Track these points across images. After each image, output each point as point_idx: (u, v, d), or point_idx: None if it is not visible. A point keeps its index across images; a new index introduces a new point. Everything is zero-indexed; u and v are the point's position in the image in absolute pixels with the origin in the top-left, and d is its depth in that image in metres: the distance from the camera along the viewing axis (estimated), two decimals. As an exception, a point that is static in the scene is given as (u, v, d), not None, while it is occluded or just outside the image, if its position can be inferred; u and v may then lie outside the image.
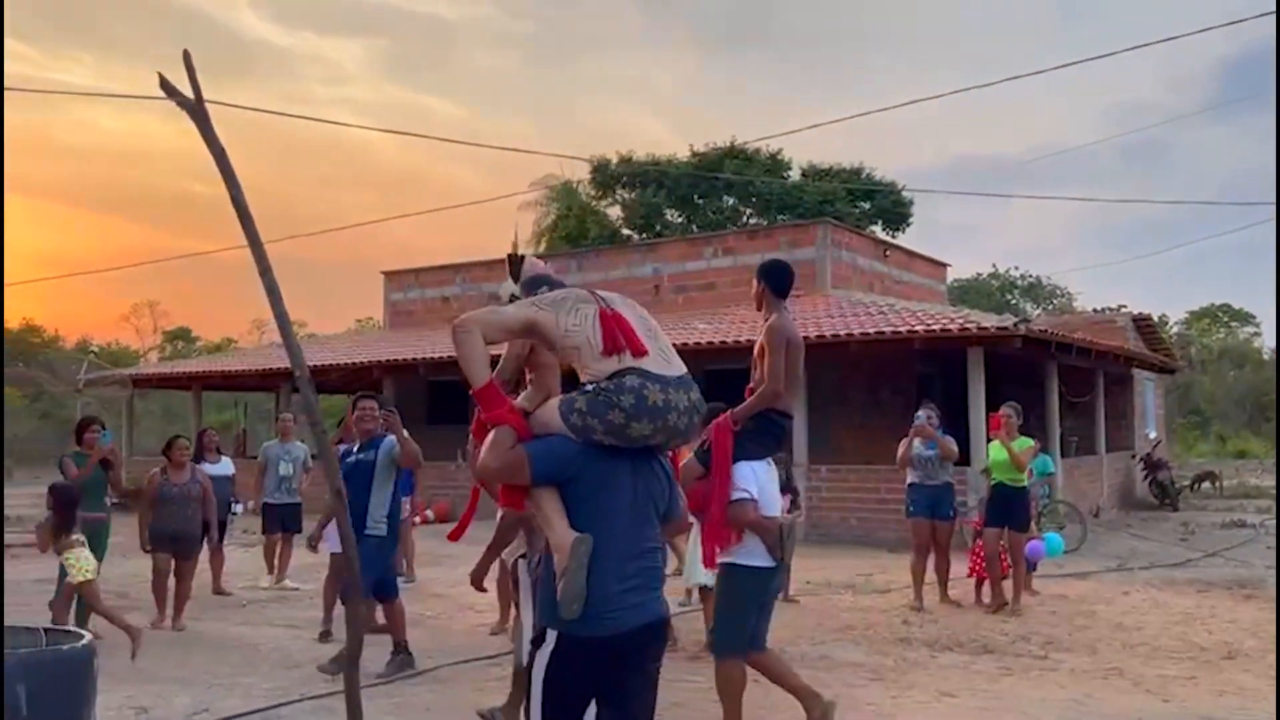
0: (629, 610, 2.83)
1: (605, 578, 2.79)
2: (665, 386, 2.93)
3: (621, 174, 29.76)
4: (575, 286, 3.36)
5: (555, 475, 2.88)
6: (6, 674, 2.95)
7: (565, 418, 2.90)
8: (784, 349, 4.65)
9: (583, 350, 2.99)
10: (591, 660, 2.80)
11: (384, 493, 6.34)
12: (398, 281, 21.69)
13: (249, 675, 6.26)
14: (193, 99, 3.82)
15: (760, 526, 4.54)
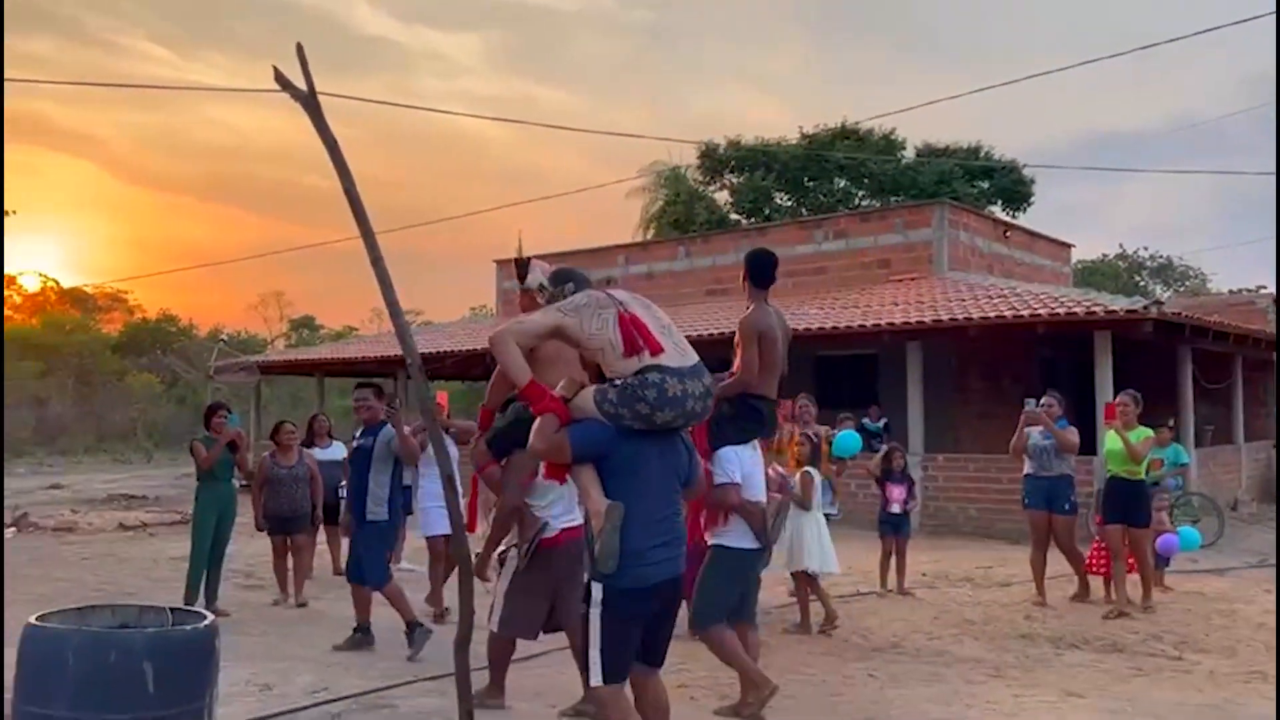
0: (659, 565, 3.48)
1: (637, 537, 3.37)
2: (682, 378, 3.50)
3: (730, 158, 29.48)
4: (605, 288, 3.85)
5: (591, 454, 3.49)
6: (135, 651, 3.05)
7: (599, 406, 3.50)
8: (755, 341, 4.92)
9: (606, 351, 3.53)
10: (633, 605, 3.48)
11: (382, 479, 6.52)
12: (509, 269, 21.94)
13: (366, 655, 6.42)
14: (306, 91, 3.89)
15: (744, 510, 4.79)
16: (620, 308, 3.61)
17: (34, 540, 12.37)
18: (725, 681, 5.77)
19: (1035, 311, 12.78)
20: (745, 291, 5.19)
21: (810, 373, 16.16)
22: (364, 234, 3.93)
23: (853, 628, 7.27)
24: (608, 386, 3.54)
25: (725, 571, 4.94)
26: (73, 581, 9.38)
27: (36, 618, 3.21)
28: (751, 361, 4.93)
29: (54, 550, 11.56)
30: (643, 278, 19.96)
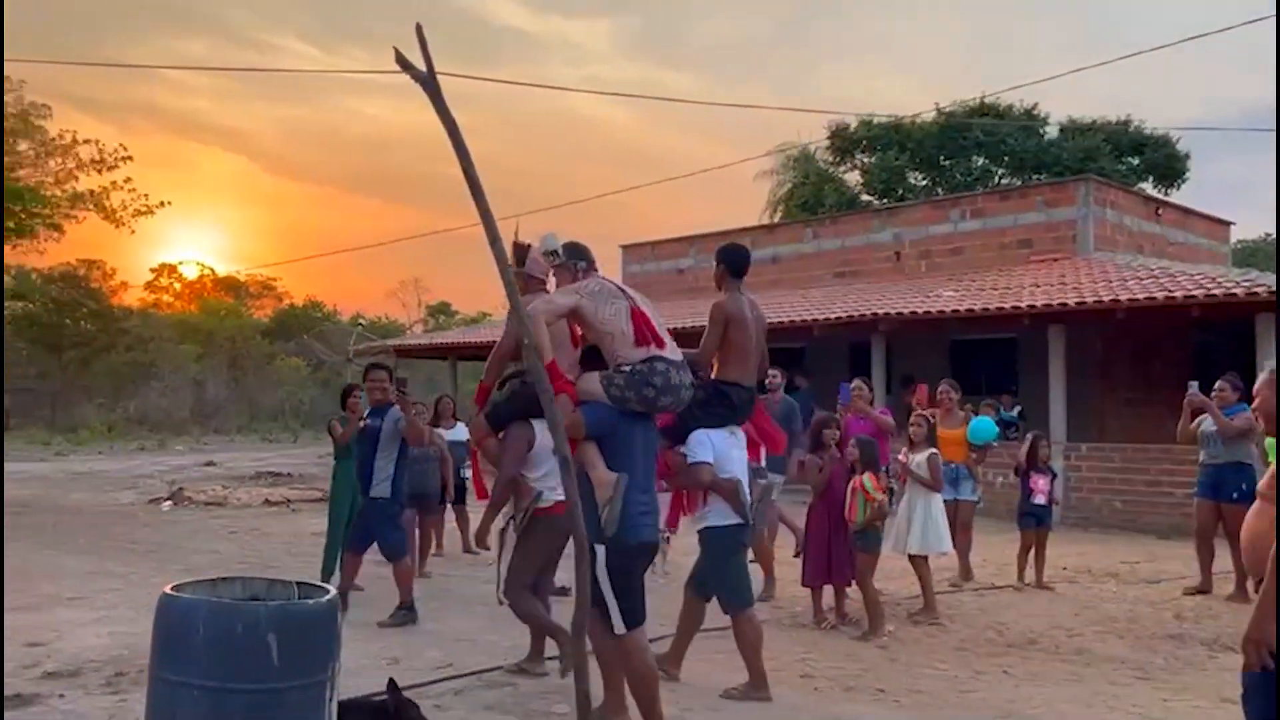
0: (645, 527, 4.07)
1: (631, 504, 3.89)
2: (678, 370, 4.06)
3: (862, 137, 28.77)
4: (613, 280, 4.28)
5: (599, 431, 3.99)
6: (260, 624, 3.12)
7: (606, 390, 4.00)
8: (723, 326, 5.05)
9: (616, 337, 4.01)
10: (628, 557, 4.04)
11: (388, 457, 6.74)
12: (635, 254, 22.02)
13: (492, 633, 6.49)
14: (425, 72, 3.90)
15: (717, 486, 4.97)
16: (631, 302, 4.12)
17: (187, 514, 13.09)
18: (851, 672, 5.61)
19: (1190, 293, 12.00)
20: (720, 282, 5.28)
21: (945, 357, 15.64)
22: (482, 215, 3.92)
23: (987, 622, 6.97)
24: (614, 373, 4.02)
25: (721, 551, 5.10)
26: (219, 554, 9.86)
27: (172, 587, 3.31)
28: (711, 345, 5.07)
29: (204, 524, 12.19)
30: (768, 261, 19.69)
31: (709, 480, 4.96)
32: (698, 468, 4.94)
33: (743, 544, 5.23)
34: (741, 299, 5.18)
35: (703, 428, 5.00)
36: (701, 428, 5.00)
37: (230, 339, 41.09)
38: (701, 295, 20.04)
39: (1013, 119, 26.85)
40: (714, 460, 4.97)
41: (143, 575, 8.48)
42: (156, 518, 12.73)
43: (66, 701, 4.79)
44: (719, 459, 4.99)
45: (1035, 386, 13.91)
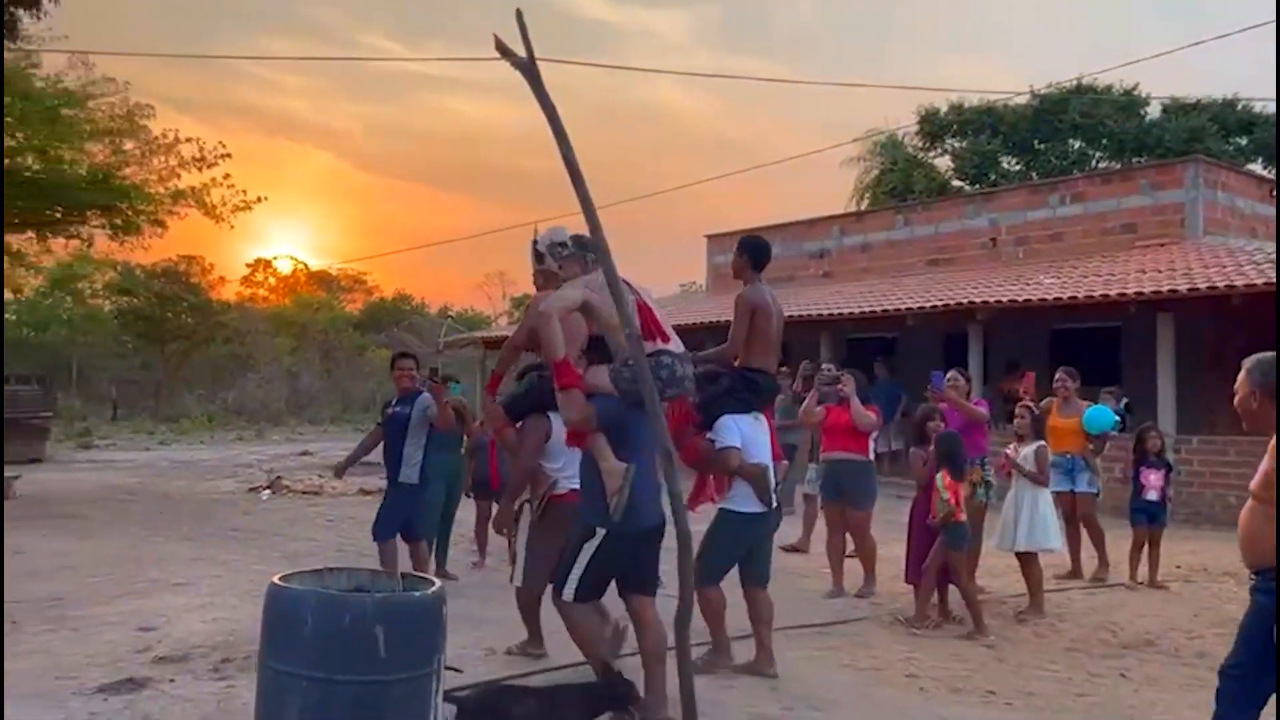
0: (653, 513, 4.23)
1: (637, 491, 4.04)
2: (683, 363, 4.25)
3: (952, 122, 28.05)
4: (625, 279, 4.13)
5: (608, 423, 4.14)
6: (367, 615, 3.10)
7: (616, 383, 4.16)
8: (749, 317, 5.17)
9: (621, 332, 3.98)
10: (630, 546, 4.23)
11: (416, 443, 6.87)
12: (720, 244, 21.80)
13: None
14: (525, 59, 3.83)
15: (744, 472, 5.02)
16: (638, 296, 4.25)
17: (285, 502, 13.39)
18: (958, 673, 5.42)
19: (1312, 278, 11.35)
20: (741, 275, 5.42)
21: (1044, 346, 15.13)
22: (582, 202, 3.84)
23: (1098, 622, 6.68)
24: (622, 367, 4.16)
25: (729, 533, 5.17)
26: (317, 542, 10.04)
27: (280, 578, 3.32)
28: (739, 335, 5.19)
29: (302, 512, 12.44)
30: (858, 249, 19.32)
31: (736, 465, 5.04)
32: (726, 453, 5.03)
33: (762, 533, 5.30)
34: (763, 290, 5.32)
35: (730, 414, 5.11)
36: (729, 414, 5.11)
37: (323, 331, 42.11)
38: (788, 284, 19.78)
39: (1111, 101, 25.87)
40: (741, 445, 5.06)
41: (245, 562, 8.68)
42: (256, 506, 13.05)
43: (177, 686, 4.88)
44: (746, 445, 5.08)
45: (1140, 378, 13.34)
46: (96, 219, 14.34)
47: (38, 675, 5.07)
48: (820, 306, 16.35)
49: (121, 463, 19.73)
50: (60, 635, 5.92)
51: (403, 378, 7.13)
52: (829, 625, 6.45)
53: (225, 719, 4.44)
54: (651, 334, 4.23)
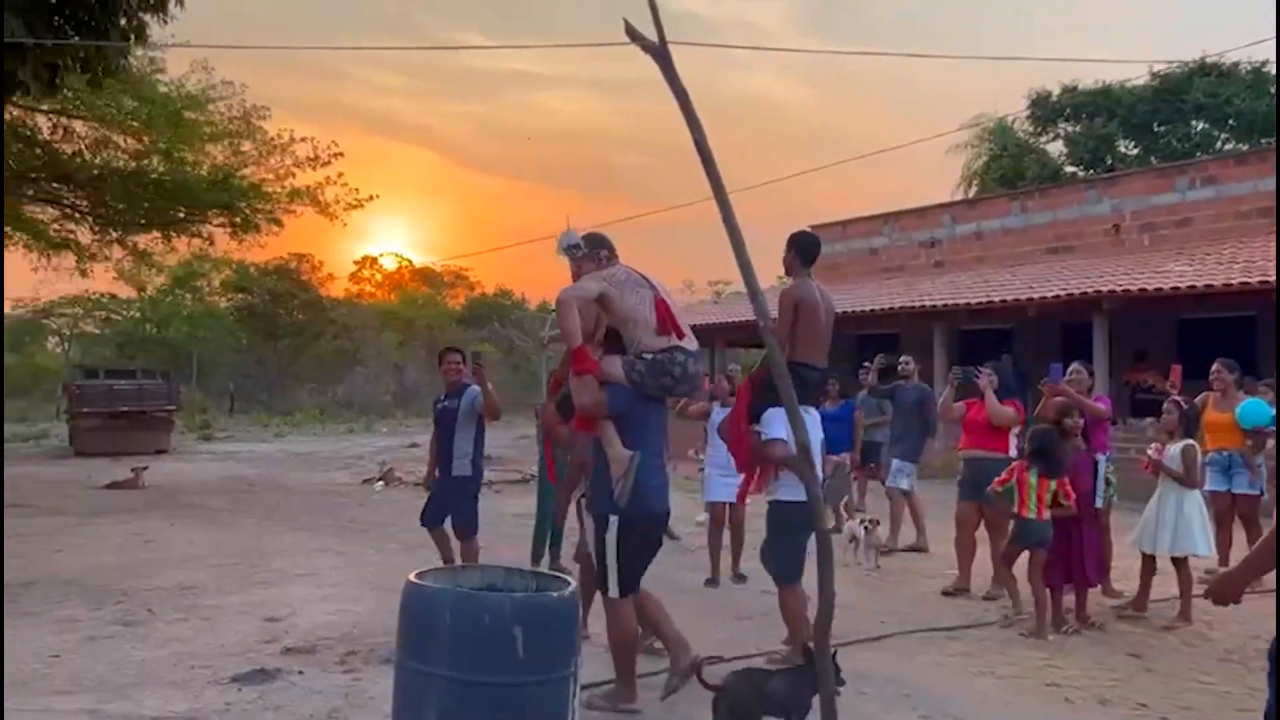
0: (659, 500, 4.48)
1: (646, 477, 4.24)
2: (695, 360, 4.41)
3: (1065, 105, 26.99)
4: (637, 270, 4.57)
5: (618, 411, 4.31)
6: (505, 615, 3.02)
7: (628, 374, 4.30)
8: (793, 312, 5.22)
9: (638, 324, 4.27)
10: (641, 529, 4.39)
11: (466, 436, 6.90)
12: (824, 234, 21.26)
13: (702, 625, 6.33)
14: (657, 42, 3.71)
15: (788, 463, 5.01)
16: (655, 291, 4.41)
17: (397, 494, 13.62)
18: (1103, 683, 5.12)
19: None
20: (790, 270, 5.49)
21: (1172, 337, 14.41)
22: (714, 188, 3.70)
23: (1251, 631, 6.23)
24: (635, 359, 4.32)
25: (787, 525, 5.17)
26: (430, 534, 10.15)
27: (415, 575, 3.27)
28: (783, 331, 5.21)
29: (413, 504, 12.53)
30: (971, 237, 18.71)
31: (783, 455, 5.08)
32: (772, 444, 5.11)
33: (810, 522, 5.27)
34: (810, 284, 5.39)
35: (776, 407, 5.13)
36: (775, 406, 5.12)
37: (427, 327, 42.95)
38: (897, 275, 19.31)
39: (1238, 80, 24.52)
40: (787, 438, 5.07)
41: (363, 553, 8.82)
42: (369, 497, 13.31)
43: (305, 678, 4.92)
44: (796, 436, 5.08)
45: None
46: (217, 218, 14.83)
47: (174, 664, 5.18)
48: (933, 297, 15.88)
49: (240, 454, 20.43)
50: (193, 624, 6.07)
51: (450, 372, 7.15)
52: (958, 629, 6.19)
53: (354, 712, 4.46)
54: (667, 329, 4.36)
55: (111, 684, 4.82)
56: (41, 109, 13.26)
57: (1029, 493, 6.05)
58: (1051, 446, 6.12)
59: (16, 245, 16.24)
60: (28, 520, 10.76)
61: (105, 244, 16.47)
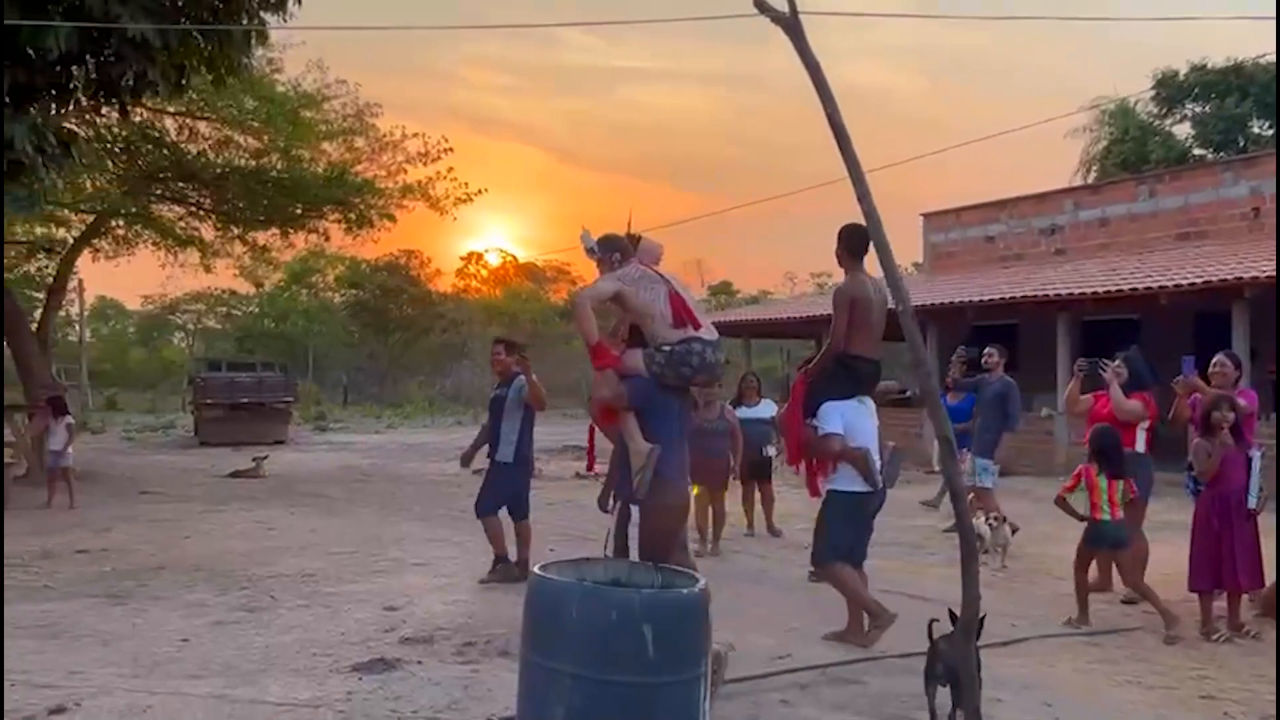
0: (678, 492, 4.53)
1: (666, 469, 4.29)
2: (714, 349, 4.44)
3: (1193, 85, 25.62)
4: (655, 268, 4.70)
5: (639, 404, 4.38)
6: (635, 612, 2.90)
7: (648, 366, 4.38)
8: (849, 308, 5.28)
9: (656, 319, 4.37)
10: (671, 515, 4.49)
11: (512, 424, 7.10)
12: (938, 222, 20.76)
13: (819, 621, 6.12)
14: (788, 13, 3.55)
15: (847, 455, 5.21)
16: (669, 286, 4.52)
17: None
18: (1264, 696, 4.74)
19: None
20: (843, 264, 5.50)
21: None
22: (848, 164, 3.52)
23: None
24: (655, 351, 4.41)
25: (841, 513, 5.34)
26: (541, 525, 10.14)
27: (539, 568, 3.18)
28: (839, 330, 5.32)
29: (523, 495, 12.70)
30: (1095, 223, 17.87)
31: (839, 450, 5.23)
32: (829, 438, 5.23)
33: (869, 511, 5.45)
34: (862, 278, 5.44)
35: (832, 400, 5.32)
36: (830, 400, 5.32)
37: (531, 321, 43.47)
38: (1017, 264, 18.60)
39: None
40: (844, 430, 5.25)
41: (476, 544, 8.81)
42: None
43: (424, 669, 4.90)
44: (849, 429, 5.27)
45: None
46: (333, 214, 15.17)
47: (297, 651, 5.24)
48: (1055, 286, 15.22)
49: (354, 445, 20.95)
50: (314, 611, 6.14)
51: (495, 363, 7.41)
52: (1098, 634, 5.84)
53: (473, 705, 4.40)
54: (683, 321, 4.47)
55: (238, 669, 4.88)
56: (169, 110, 13.78)
57: (1100, 495, 5.93)
58: (1112, 446, 6.03)
59: (145, 243, 16.98)
60: (159, 507, 11.20)
61: (227, 241, 17.05)
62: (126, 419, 28.36)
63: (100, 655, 5.08)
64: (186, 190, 14.65)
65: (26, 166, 7.43)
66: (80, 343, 35.52)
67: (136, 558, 8.00)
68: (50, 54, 7.16)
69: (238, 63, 8.42)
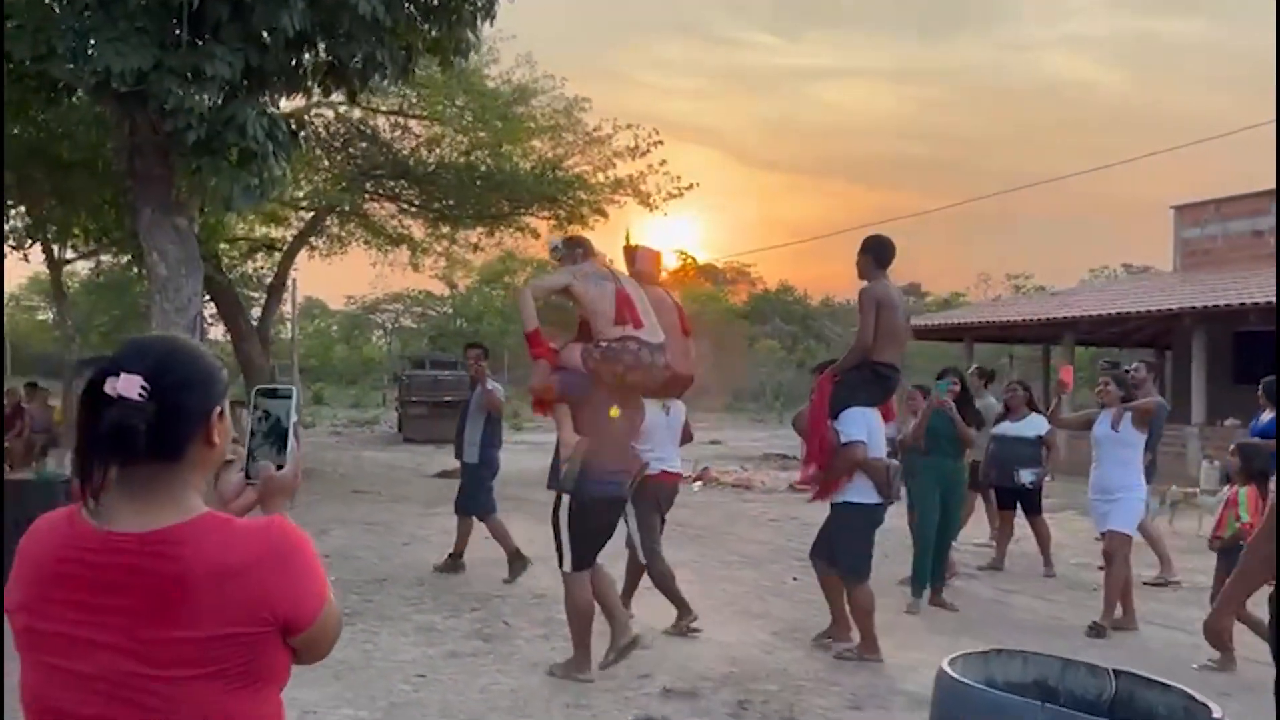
0: (616, 485, 4.73)
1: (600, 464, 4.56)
2: (652, 351, 4.60)
3: None
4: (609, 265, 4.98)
5: (571, 396, 4.62)
6: None
7: (584, 361, 4.58)
8: (874, 310, 5.24)
9: (599, 316, 4.58)
10: (596, 510, 4.70)
11: (475, 426, 7.34)
12: (1191, 215, 18.49)
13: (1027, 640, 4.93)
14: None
15: (870, 466, 5.17)
16: (618, 284, 4.62)
17: (718, 495, 12.93)
18: None
19: None
20: (865, 273, 5.44)
21: None
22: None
23: None
24: (593, 347, 4.48)
25: (858, 526, 5.27)
26: (767, 545, 9.28)
27: (948, 663, 2.26)
28: (867, 330, 5.23)
29: (738, 508, 11.88)
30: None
31: (862, 459, 5.14)
32: (852, 446, 5.14)
33: (877, 524, 5.38)
34: (889, 286, 5.42)
35: (857, 406, 5.23)
36: (856, 406, 5.23)
37: (712, 323, 42.75)
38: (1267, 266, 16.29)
39: None
40: (867, 439, 5.16)
41: (706, 565, 8.07)
42: (690, 498, 12.62)
43: (701, 733, 4.10)
44: (870, 438, 5.18)
45: None
46: (543, 211, 14.79)
47: (548, 698, 4.58)
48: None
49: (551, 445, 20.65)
50: (554, 644, 5.44)
51: (470, 366, 7.63)
52: None
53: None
54: (624, 320, 4.52)
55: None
56: (381, 110, 13.71)
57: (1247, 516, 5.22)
58: (1263, 459, 5.33)
59: (357, 241, 17.15)
60: (373, 508, 10.98)
61: (436, 239, 17.00)
62: (333, 413, 29.33)
63: (335, 692, 4.52)
64: (399, 188, 14.57)
65: (256, 155, 7.14)
66: (292, 340, 37.25)
67: (359, 566, 7.62)
68: (286, 34, 6.83)
69: (465, 43, 7.93)
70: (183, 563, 1.29)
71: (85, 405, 1.32)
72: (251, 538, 1.34)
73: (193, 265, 7.55)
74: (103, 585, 1.31)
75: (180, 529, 1.32)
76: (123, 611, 1.29)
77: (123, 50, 6.45)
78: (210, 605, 1.29)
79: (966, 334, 18.52)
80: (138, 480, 1.33)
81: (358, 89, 7.82)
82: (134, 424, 1.28)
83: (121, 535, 1.31)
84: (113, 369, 1.31)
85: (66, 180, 9.66)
